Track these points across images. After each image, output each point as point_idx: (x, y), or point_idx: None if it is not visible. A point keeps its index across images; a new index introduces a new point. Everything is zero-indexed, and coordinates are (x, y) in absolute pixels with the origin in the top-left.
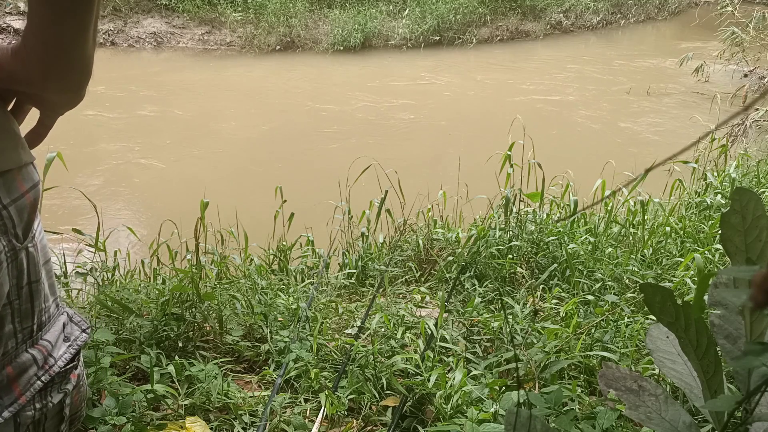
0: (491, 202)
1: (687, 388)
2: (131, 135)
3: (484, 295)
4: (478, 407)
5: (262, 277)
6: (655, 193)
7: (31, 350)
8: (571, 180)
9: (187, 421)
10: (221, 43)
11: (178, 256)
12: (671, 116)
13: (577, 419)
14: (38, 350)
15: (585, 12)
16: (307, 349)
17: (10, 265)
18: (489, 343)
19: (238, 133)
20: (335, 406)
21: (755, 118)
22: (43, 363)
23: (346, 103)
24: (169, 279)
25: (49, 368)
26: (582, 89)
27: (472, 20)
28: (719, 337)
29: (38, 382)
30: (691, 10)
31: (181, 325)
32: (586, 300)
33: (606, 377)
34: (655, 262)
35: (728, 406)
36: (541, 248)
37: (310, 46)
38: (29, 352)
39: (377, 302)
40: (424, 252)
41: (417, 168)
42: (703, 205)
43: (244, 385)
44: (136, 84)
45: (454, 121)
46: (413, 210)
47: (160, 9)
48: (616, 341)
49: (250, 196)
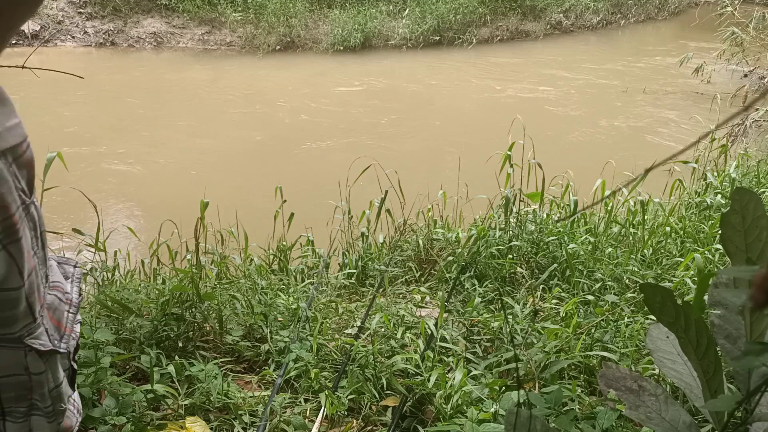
0: (491, 202)
1: (687, 388)
2: (131, 135)
3: (484, 295)
4: (478, 407)
5: (262, 277)
6: (655, 193)
7: (51, 292)
8: (571, 180)
9: (187, 421)
10: (221, 43)
11: (178, 256)
12: (671, 116)
13: (577, 419)
14: (57, 290)
15: (585, 12)
16: (307, 349)
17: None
18: (489, 343)
19: (238, 133)
20: (335, 406)
21: (755, 118)
22: (65, 299)
23: (346, 102)
24: (169, 279)
25: (71, 302)
26: (582, 89)
27: (472, 20)
28: (719, 337)
29: (69, 314)
30: (691, 10)
31: (181, 325)
32: (586, 300)
33: (606, 377)
34: (655, 262)
35: (728, 406)
36: (541, 248)
37: (310, 46)
38: (51, 294)
39: (377, 302)
40: (424, 252)
41: (417, 168)
42: (703, 205)
43: (244, 385)
44: (136, 84)
45: (454, 121)
46: (413, 210)
47: (160, 9)
48: (616, 341)
49: (250, 196)
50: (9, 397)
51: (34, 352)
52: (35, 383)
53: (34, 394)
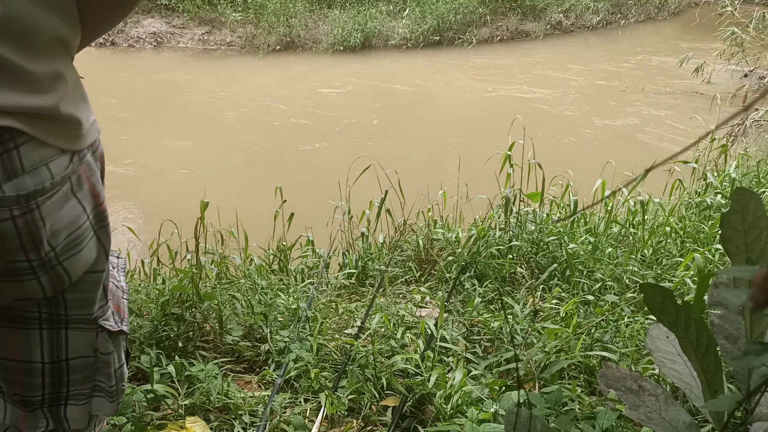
0: (491, 202)
1: (687, 388)
2: (130, 135)
3: (484, 295)
4: (478, 407)
5: (262, 277)
6: (655, 193)
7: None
8: (571, 180)
9: (187, 421)
10: (221, 43)
11: (178, 256)
12: (671, 116)
13: (577, 419)
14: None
15: (585, 12)
16: (307, 349)
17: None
18: (489, 343)
19: (238, 133)
20: (335, 406)
21: (755, 118)
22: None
23: (346, 102)
24: (169, 279)
25: (122, 289)
26: (582, 89)
27: (472, 20)
28: (719, 337)
29: (124, 300)
30: (691, 10)
31: (181, 325)
32: (586, 300)
33: (606, 377)
34: (655, 262)
35: (728, 406)
36: (541, 248)
37: (310, 46)
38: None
39: (377, 302)
40: (424, 252)
41: (417, 168)
42: (703, 205)
43: (244, 385)
44: (135, 84)
45: (454, 121)
46: (413, 210)
47: (160, 9)
48: (616, 341)
49: (250, 196)
50: (76, 378)
51: (105, 333)
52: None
53: (99, 375)
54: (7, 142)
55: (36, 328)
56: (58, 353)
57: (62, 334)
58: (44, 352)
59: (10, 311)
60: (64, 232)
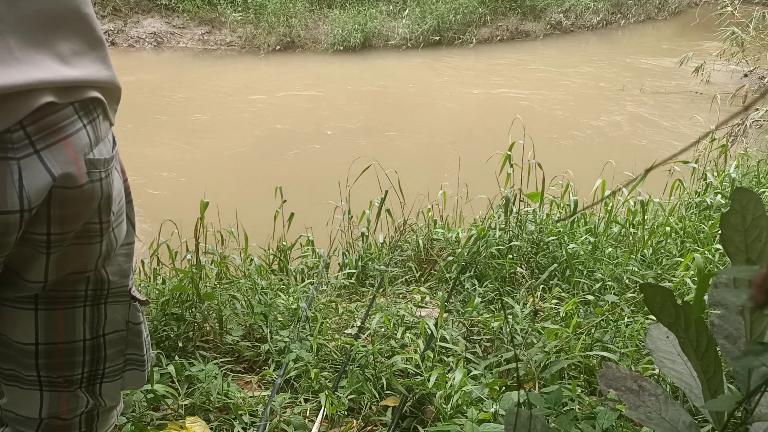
0: (491, 202)
1: (687, 388)
2: (130, 135)
3: (484, 295)
4: (478, 407)
5: (262, 277)
6: (655, 193)
7: None
8: (571, 180)
9: (187, 421)
10: (221, 43)
11: (178, 256)
12: (671, 116)
13: (577, 419)
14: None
15: (585, 12)
16: (307, 349)
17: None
18: (489, 343)
19: (238, 133)
20: (335, 406)
21: (755, 118)
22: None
23: (346, 102)
24: (169, 279)
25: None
26: (582, 89)
27: (472, 20)
28: (719, 337)
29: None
30: (691, 10)
31: (181, 325)
32: (586, 300)
33: (606, 377)
34: (655, 262)
35: (728, 406)
36: (541, 248)
37: (310, 46)
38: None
39: (377, 302)
40: (424, 252)
41: (417, 168)
42: (703, 205)
43: (244, 385)
44: (135, 84)
45: (454, 121)
46: (413, 210)
47: (160, 9)
48: (616, 341)
49: (250, 196)
50: (112, 353)
51: (136, 304)
52: (134, 334)
53: (130, 347)
54: (92, 112)
55: (81, 306)
56: (98, 329)
57: (102, 309)
58: (86, 329)
59: (59, 293)
60: (117, 199)
